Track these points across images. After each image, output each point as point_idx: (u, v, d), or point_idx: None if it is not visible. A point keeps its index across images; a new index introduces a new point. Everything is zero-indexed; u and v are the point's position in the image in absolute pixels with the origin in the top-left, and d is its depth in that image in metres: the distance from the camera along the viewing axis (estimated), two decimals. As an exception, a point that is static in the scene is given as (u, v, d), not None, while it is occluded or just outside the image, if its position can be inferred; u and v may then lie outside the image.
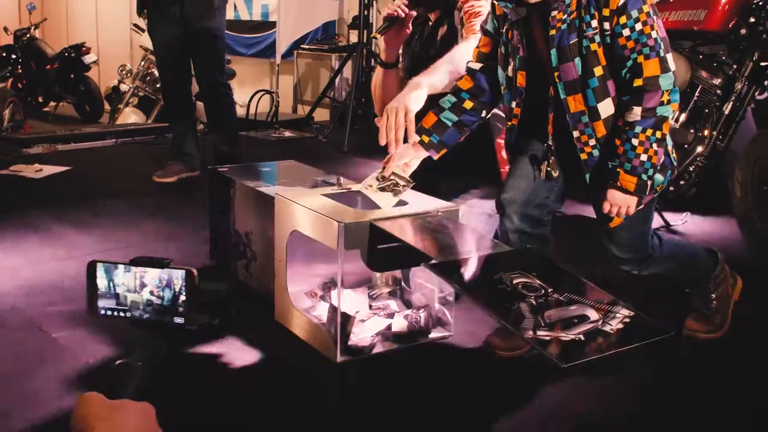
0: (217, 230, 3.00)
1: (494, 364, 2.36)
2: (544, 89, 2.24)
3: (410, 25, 2.90)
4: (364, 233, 2.22)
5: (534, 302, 1.76)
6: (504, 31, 2.30)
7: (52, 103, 10.66)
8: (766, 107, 3.72)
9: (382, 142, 2.45)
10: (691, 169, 3.61)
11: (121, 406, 1.00)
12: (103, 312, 1.33)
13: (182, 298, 1.29)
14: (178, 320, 1.30)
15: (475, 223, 2.72)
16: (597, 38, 2.14)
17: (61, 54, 10.21)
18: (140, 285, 1.30)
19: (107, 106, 9.43)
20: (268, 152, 5.53)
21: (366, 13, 6.43)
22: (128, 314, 1.31)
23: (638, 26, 2.09)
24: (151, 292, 1.31)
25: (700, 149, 3.62)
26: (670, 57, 2.11)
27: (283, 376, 2.27)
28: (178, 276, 1.29)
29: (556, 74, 2.18)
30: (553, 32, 2.16)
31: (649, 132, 2.11)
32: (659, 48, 2.09)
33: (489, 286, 1.84)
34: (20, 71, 10.40)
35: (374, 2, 6.64)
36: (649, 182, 2.16)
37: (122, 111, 7.51)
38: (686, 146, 3.64)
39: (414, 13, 2.88)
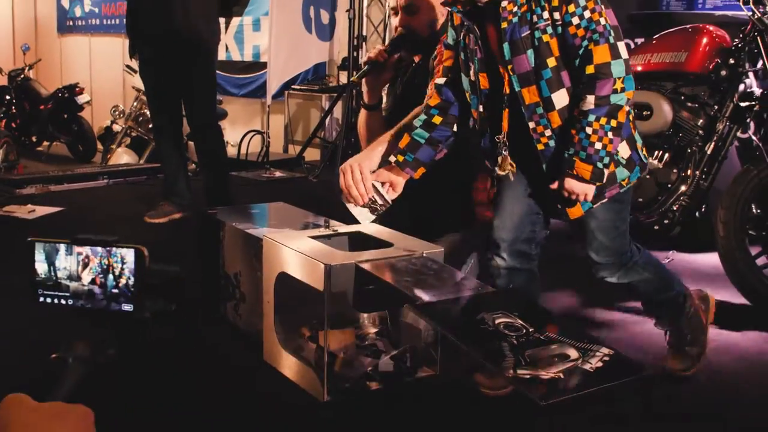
0: (206, 271, 3.03)
1: (480, 402, 2.39)
2: (503, 86, 2.29)
3: (391, 68, 2.97)
4: (350, 275, 2.26)
5: (515, 341, 1.80)
6: (461, 38, 2.35)
7: (46, 143, 10.72)
8: (750, 145, 3.80)
9: (346, 202, 2.53)
10: (674, 208, 3.65)
11: (51, 410, 0.83)
12: (42, 299, 1.18)
13: (131, 281, 1.13)
14: (127, 307, 1.13)
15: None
16: (549, 29, 2.18)
17: (55, 94, 10.30)
18: (83, 267, 1.14)
19: (100, 146, 9.50)
20: (259, 192, 5.57)
21: (355, 54, 6.54)
22: (70, 302, 1.15)
23: (587, 14, 2.13)
24: (95, 276, 1.14)
25: (683, 188, 3.67)
26: (621, 46, 2.14)
27: (270, 416, 2.29)
28: (126, 256, 1.13)
29: (509, 67, 2.22)
30: (504, 25, 2.21)
31: (603, 120, 2.14)
32: (608, 35, 2.12)
33: (471, 326, 1.87)
34: (14, 111, 10.48)
35: (363, 44, 6.74)
36: (605, 171, 2.18)
37: (115, 151, 7.57)
38: (670, 185, 3.69)
39: (394, 57, 2.94)
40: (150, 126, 7.45)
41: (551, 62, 2.20)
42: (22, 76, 10.64)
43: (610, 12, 2.16)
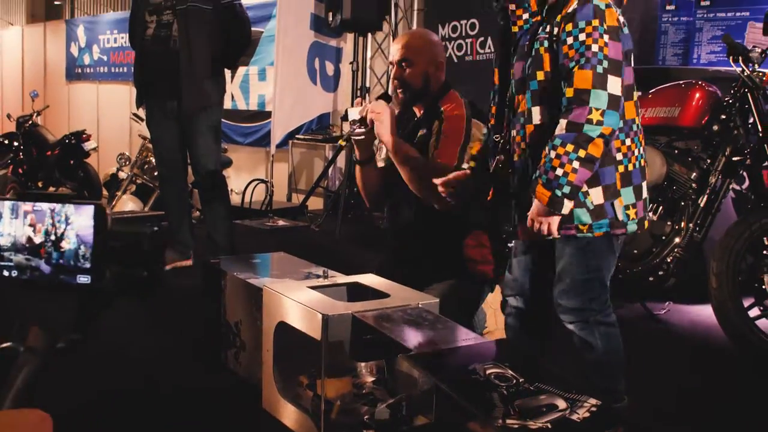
0: (208, 319, 3.09)
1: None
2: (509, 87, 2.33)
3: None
4: (347, 325, 2.32)
5: (505, 392, 1.85)
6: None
7: (52, 188, 10.84)
8: (745, 197, 3.88)
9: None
10: (669, 259, 3.72)
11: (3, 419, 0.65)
12: None
13: (88, 247, 0.90)
14: (83, 279, 0.92)
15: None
16: (546, 43, 2.19)
17: (62, 141, 10.42)
18: (32, 230, 0.92)
19: (105, 192, 9.60)
20: (262, 241, 5.65)
21: (359, 105, 6.63)
22: (15, 273, 0.93)
23: (582, 36, 2.10)
24: (46, 240, 0.91)
25: (677, 240, 3.74)
26: (612, 80, 2.08)
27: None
28: (83, 215, 0.90)
29: (512, 71, 2.27)
30: (515, 29, 2.28)
31: (569, 147, 2.08)
32: (596, 62, 2.07)
33: (463, 376, 1.93)
34: (21, 157, 10.62)
35: (367, 95, 6.86)
36: (565, 200, 2.13)
37: (120, 198, 7.65)
38: (664, 237, 3.76)
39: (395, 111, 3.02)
40: (155, 174, 7.55)
41: (540, 75, 2.21)
42: (30, 122, 10.78)
43: (615, 45, 2.12)
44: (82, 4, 14.66)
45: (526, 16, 2.28)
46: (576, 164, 2.09)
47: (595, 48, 2.09)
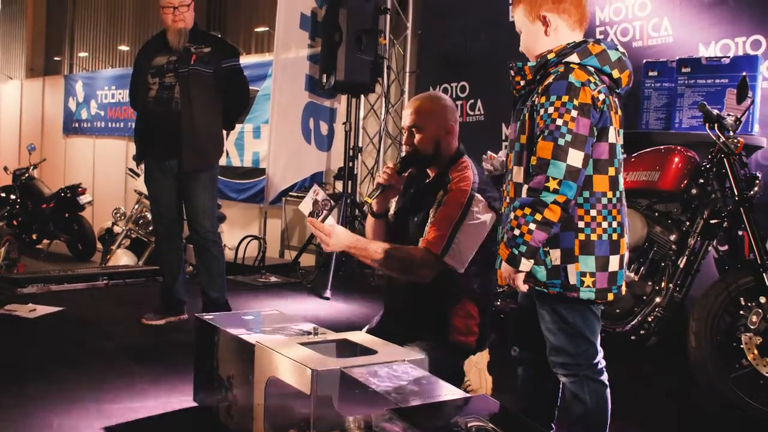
0: (200, 374, 3.17)
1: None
2: None
3: (400, 185, 3.17)
4: (335, 380, 2.41)
5: (485, 445, 1.95)
6: None
7: (46, 241, 10.92)
8: (725, 259, 4.00)
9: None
10: (650, 319, 3.82)
11: None
12: None
13: None
14: None
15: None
16: (528, 110, 2.36)
17: (57, 194, 10.55)
18: None
19: (99, 246, 9.69)
20: (254, 297, 5.73)
21: (351, 165, 6.76)
22: None
23: (550, 110, 2.24)
24: None
25: (658, 300, 3.85)
26: (573, 153, 2.20)
27: None
28: None
29: (509, 130, 2.43)
30: (514, 92, 2.43)
31: (526, 210, 2.23)
32: (558, 135, 2.20)
33: (445, 429, 2.02)
34: (17, 209, 10.72)
35: (359, 154, 7.00)
36: (521, 258, 2.26)
37: (114, 252, 7.75)
38: (645, 297, 3.87)
39: (404, 176, 3.16)
40: (150, 228, 7.67)
41: (522, 139, 2.38)
42: (27, 175, 10.91)
43: (583, 120, 2.23)
44: (80, 60, 14.92)
45: (522, 82, 2.44)
46: (532, 226, 2.23)
47: (559, 122, 2.23)
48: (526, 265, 2.29)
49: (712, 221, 3.82)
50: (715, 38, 5.16)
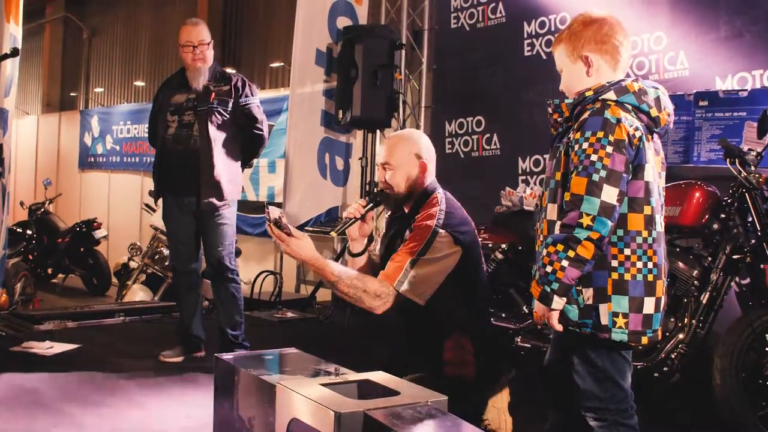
0: (220, 414, 3.14)
1: None
2: None
3: (370, 221, 3.18)
4: (358, 422, 2.37)
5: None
6: None
7: (61, 276, 10.94)
8: (747, 293, 3.95)
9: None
10: (673, 356, 3.77)
11: None
12: None
13: None
14: None
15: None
16: (563, 147, 2.35)
17: (73, 228, 10.58)
18: None
19: (114, 281, 9.69)
20: (271, 333, 5.71)
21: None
22: None
23: (585, 145, 2.24)
24: None
25: (681, 336, 3.80)
26: (607, 189, 2.19)
27: None
28: None
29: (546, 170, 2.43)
30: (553, 131, 2.42)
31: (559, 247, 2.20)
32: (593, 171, 2.19)
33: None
34: (33, 244, 10.75)
35: (375, 189, 6.99)
36: (553, 296, 2.23)
37: (130, 287, 7.75)
38: (668, 334, 3.83)
39: (371, 213, 3.17)
40: (166, 264, 7.67)
41: (557, 176, 2.37)
42: (42, 209, 10.96)
43: (619, 157, 2.22)
44: (96, 95, 15.05)
45: (560, 119, 2.44)
46: (565, 263, 2.21)
47: (594, 157, 2.22)
48: (558, 303, 2.27)
49: (735, 256, 3.78)
50: (732, 71, 5.14)
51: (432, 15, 7.31)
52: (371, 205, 3.14)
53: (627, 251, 2.31)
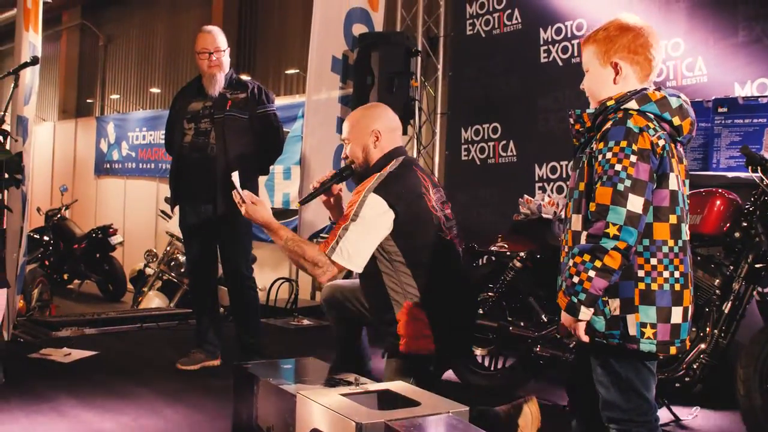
0: (239, 422, 3.13)
1: None
2: None
3: (335, 192, 3.42)
4: (380, 433, 2.37)
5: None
6: None
7: (77, 281, 10.99)
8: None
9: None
10: (695, 365, 3.73)
11: None
12: None
13: None
14: None
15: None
16: (586, 157, 2.34)
17: (89, 234, 10.63)
18: None
19: (130, 287, 9.73)
20: (287, 340, 5.70)
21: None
22: None
23: (609, 155, 2.23)
24: None
25: (703, 346, 3.76)
26: (633, 198, 2.18)
27: None
28: None
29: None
30: (575, 142, 2.40)
31: (586, 257, 2.19)
32: (618, 180, 2.19)
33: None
34: (49, 250, 10.80)
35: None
36: (582, 307, 2.22)
37: (146, 294, 7.77)
38: (689, 343, 3.79)
39: (335, 186, 3.40)
40: (182, 270, 7.68)
41: (581, 186, 2.36)
42: (59, 215, 11.01)
43: (643, 166, 2.21)
44: (112, 101, 15.12)
45: (582, 129, 2.42)
46: (591, 273, 2.20)
47: (618, 167, 2.21)
48: (585, 313, 2.25)
49: (757, 265, 3.74)
50: (751, 77, 5.10)
51: (448, 22, 7.31)
52: (335, 178, 3.33)
53: (653, 261, 2.29)
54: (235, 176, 3.28)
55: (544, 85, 6.20)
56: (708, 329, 3.77)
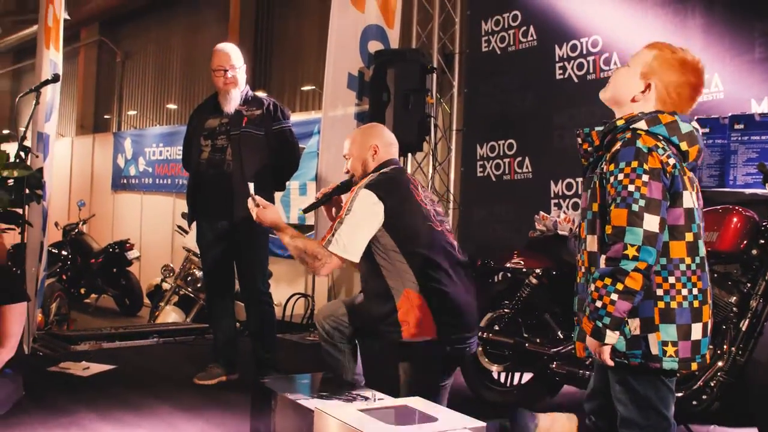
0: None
1: None
2: None
3: (336, 204, 3.68)
4: (397, 449, 2.38)
5: None
6: None
7: (93, 296, 11.05)
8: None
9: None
10: (712, 383, 3.72)
11: None
12: None
13: None
14: None
15: None
16: (597, 178, 2.35)
17: (106, 249, 10.70)
18: None
19: (146, 301, 9.77)
20: (303, 356, 5.72)
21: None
22: None
23: (621, 176, 2.24)
24: None
25: (720, 364, 3.75)
26: (648, 218, 2.19)
27: None
28: None
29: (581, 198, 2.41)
30: (584, 162, 2.41)
31: (607, 281, 2.20)
32: (632, 201, 2.20)
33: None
34: (67, 264, 10.87)
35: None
36: (606, 330, 2.22)
37: (163, 309, 7.80)
38: (707, 362, 3.77)
39: (337, 197, 3.68)
40: (198, 285, 7.72)
41: (594, 207, 2.37)
42: (76, 230, 11.09)
43: (655, 185, 2.23)
44: (129, 117, 15.25)
45: (590, 149, 2.43)
46: (614, 296, 2.21)
47: (631, 188, 2.22)
48: (611, 337, 2.26)
49: (775, 282, 3.73)
50: (768, 93, 5.11)
51: (463, 39, 7.35)
52: (337, 190, 3.65)
53: (671, 279, 2.30)
54: (251, 185, 3.64)
55: (560, 101, 6.22)
56: (725, 347, 3.76)
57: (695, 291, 2.33)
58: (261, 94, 4.93)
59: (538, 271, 4.36)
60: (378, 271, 3.30)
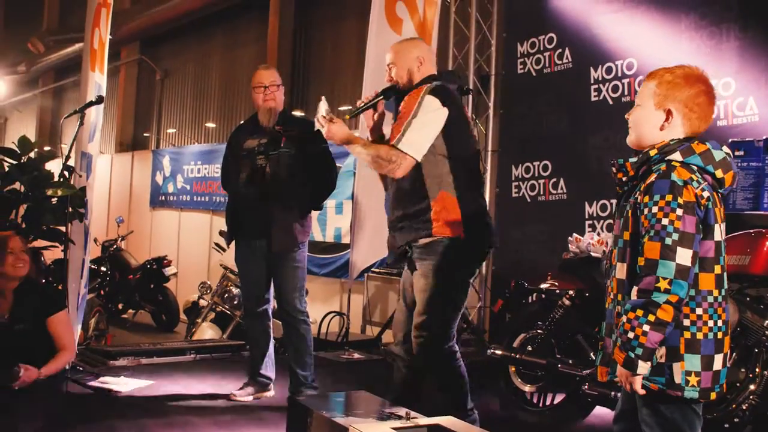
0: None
1: None
2: None
3: (380, 107, 3.82)
4: (430, 467, 2.44)
5: None
6: None
7: (131, 311, 11.20)
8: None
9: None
10: (744, 407, 3.73)
11: None
12: None
13: None
14: None
15: None
16: (630, 207, 2.38)
17: (144, 265, 10.85)
18: None
19: (183, 317, 9.88)
20: (338, 374, 5.77)
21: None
22: None
23: (654, 209, 2.27)
24: None
25: (752, 387, 3.75)
26: (681, 251, 2.22)
27: None
28: None
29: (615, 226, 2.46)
30: (618, 190, 2.45)
31: (639, 312, 2.23)
32: (665, 234, 2.22)
33: None
34: (105, 280, 11.05)
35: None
36: (638, 361, 2.25)
37: (200, 325, 7.90)
38: (738, 384, 3.78)
39: (381, 102, 3.79)
40: (235, 302, 7.82)
41: (626, 235, 2.40)
42: (115, 246, 11.26)
43: (689, 219, 2.25)
44: (168, 135, 15.47)
45: (625, 179, 2.47)
46: (646, 328, 2.24)
47: (665, 221, 2.25)
48: (643, 367, 2.29)
49: (809, 302, 3.73)
50: (803, 117, 5.11)
51: (499, 60, 7.42)
52: (381, 95, 3.75)
53: (699, 311, 2.34)
54: (323, 102, 3.70)
55: (595, 123, 6.26)
56: (757, 370, 3.77)
57: (720, 323, 2.37)
58: (299, 113, 5.03)
59: (570, 292, 4.39)
60: (419, 170, 3.52)
